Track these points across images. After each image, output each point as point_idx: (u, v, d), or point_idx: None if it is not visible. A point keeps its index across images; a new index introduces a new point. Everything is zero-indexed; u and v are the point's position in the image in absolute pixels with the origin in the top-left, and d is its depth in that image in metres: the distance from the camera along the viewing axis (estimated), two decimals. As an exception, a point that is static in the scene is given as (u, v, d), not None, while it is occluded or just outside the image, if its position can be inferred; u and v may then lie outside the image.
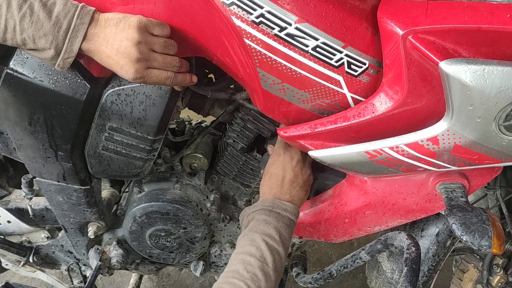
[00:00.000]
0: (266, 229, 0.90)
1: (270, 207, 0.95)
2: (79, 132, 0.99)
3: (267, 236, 0.89)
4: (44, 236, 1.33)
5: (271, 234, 0.90)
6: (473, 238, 0.84)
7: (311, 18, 0.77)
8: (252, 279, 0.82)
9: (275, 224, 0.92)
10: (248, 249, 0.87)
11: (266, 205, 0.96)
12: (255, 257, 0.85)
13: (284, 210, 0.96)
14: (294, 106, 0.88)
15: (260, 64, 0.82)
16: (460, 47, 0.71)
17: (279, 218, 0.94)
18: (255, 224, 0.92)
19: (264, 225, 0.91)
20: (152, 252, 1.30)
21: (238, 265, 0.84)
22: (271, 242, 0.88)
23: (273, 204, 0.96)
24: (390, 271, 1.23)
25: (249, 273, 0.82)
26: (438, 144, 0.77)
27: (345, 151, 0.88)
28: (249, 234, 0.90)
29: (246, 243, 0.88)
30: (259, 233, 0.89)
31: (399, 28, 0.72)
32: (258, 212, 0.95)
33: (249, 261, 0.85)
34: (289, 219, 0.95)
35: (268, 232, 0.90)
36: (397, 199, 0.99)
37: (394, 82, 0.78)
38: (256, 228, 0.91)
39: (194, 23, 0.82)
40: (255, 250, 0.86)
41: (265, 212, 0.94)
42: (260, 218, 0.93)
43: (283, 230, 0.92)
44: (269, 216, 0.93)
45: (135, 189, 1.23)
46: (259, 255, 0.86)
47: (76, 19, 0.77)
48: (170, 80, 0.83)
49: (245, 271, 0.83)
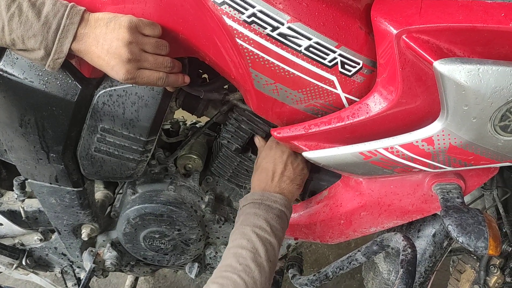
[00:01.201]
0: (256, 221, 0.90)
1: (259, 200, 0.95)
2: (71, 133, 0.98)
3: (257, 228, 0.88)
4: (37, 238, 1.32)
5: (262, 226, 0.89)
6: (469, 240, 0.83)
7: (304, 17, 0.76)
8: (245, 271, 0.81)
9: (265, 216, 0.91)
10: (239, 242, 0.86)
11: (255, 198, 0.96)
12: (247, 249, 0.85)
13: (273, 202, 0.95)
14: (287, 106, 0.87)
15: (253, 65, 0.81)
16: (454, 47, 0.70)
17: (268, 209, 0.93)
18: (245, 218, 0.92)
19: (254, 217, 0.91)
20: (146, 254, 1.29)
21: (231, 259, 0.84)
22: (262, 233, 0.88)
23: (262, 197, 0.95)
24: (387, 272, 1.22)
25: (241, 265, 0.82)
26: (433, 145, 0.76)
27: (340, 152, 0.87)
28: (239, 228, 0.90)
29: (237, 237, 0.88)
30: (250, 226, 0.89)
31: (393, 27, 0.71)
32: (248, 206, 0.94)
33: (241, 253, 0.84)
34: (279, 210, 0.94)
35: (258, 224, 0.89)
36: (392, 200, 0.99)
37: (388, 82, 0.77)
38: (247, 221, 0.90)
39: (185, 23, 0.81)
40: (246, 243, 0.86)
41: (254, 206, 0.94)
42: (250, 212, 0.93)
43: (273, 221, 0.91)
44: (259, 209, 0.92)
45: (129, 191, 1.21)
46: (251, 246, 0.85)
47: (66, 19, 0.76)
48: (162, 81, 0.82)
49: (237, 263, 0.82)
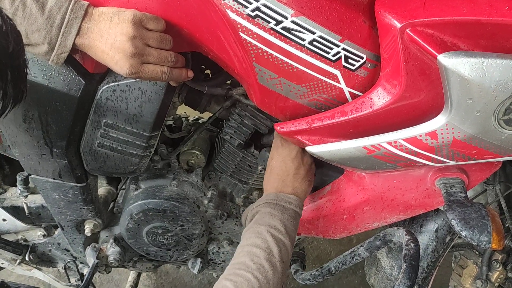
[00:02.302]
0: (271, 221, 0.90)
1: (275, 200, 0.95)
2: (74, 128, 0.98)
3: (272, 228, 0.89)
4: (40, 234, 1.32)
5: (277, 226, 0.89)
6: (473, 234, 0.83)
7: (308, 11, 0.76)
8: (259, 270, 0.82)
9: (280, 216, 0.91)
10: (254, 241, 0.87)
11: (270, 198, 0.96)
12: (261, 249, 0.85)
13: (288, 203, 0.95)
14: (291, 101, 0.87)
15: (256, 59, 0.81)
16: (458, 40, 0.70)
17: (283, 210, 0.93)
18: (260, 217, 0.92)
19: (269, 217, 0.91)
20: (149, 250, 1.29)
21: (245, 257, 0.84)
22: (276, 233, 0.88)
23: (277, 198, 0.96)
24: (389, 267, 1.22)
25: (255, 264, 0.82)
26: (436, 139, 0.76)
27: (343, 147, 0.87)
28: (254, 227, 0.90)
29: (252, 236, 0.88)
30: (265, 225, 0.89)
31: (396, 21, 0.71)
32: (263, 206, 0.95)
33: (255, 252, 0.84)
34: (293, 211, 0.95)
35: (273, 224, 0.90)
36: (395, 194, 0.99)
37: (392, 76, 0.77)
38: (261, 220, 0.91)
39: (189, 17, 0.81)
40: (261, 242, 0.86)
41: (269, 205, 0.94)
42: (265, 211, 0.93)
43: (288, 222, 0.91)
44: (274, 209, 0.93)
45: (132, 186, 1.22)
46: (265, 246, 0.86)
47: (70, 13, 0.76)
48: (166, 75, 0.82)
49: (251, 262, 0.83)
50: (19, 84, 0.57)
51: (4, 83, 0.54)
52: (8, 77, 0.54)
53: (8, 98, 0.55)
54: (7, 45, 0.55)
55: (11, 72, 0.55)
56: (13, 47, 0.56)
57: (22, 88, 0.59)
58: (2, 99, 0.54)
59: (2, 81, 0.53)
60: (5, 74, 0.54)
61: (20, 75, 0.58)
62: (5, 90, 0.54)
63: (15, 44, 0.56)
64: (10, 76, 0.55)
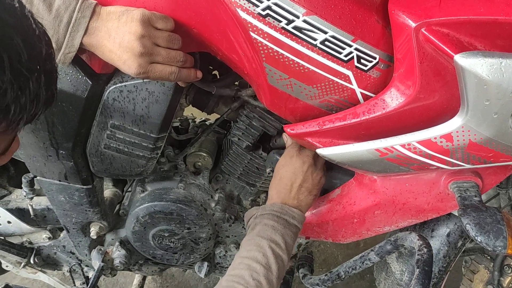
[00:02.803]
0: (273, 235, 0.91)
1: (279, 213, 0.95)
2: (81, 130, 0.97)
3: (273, 243, 0.89)
4: (46, 236, 1.31)
5: (278, 242, 0.90)
6: (488, 239, 0.81)
7: (320, 10, 0.74)
8: (256, 286, 0.83)
9: (282, 231, 0.92)
10: (255, 255, 0.87)
11: (275, 210, 0.96)
12: (261, 265, 0.86)
13: (292, 218, 0.95)
14: (301, 102, 0.85)
15: (267, 59, 0.79)
16: (475, 40, 0.68)
17: (286, 225, 0.94)
18: (263, 229, 0.92)
19: (271, 231, 0.91)
20: (155, 253, 1.27)
21: (244, 271, 0.85)
22: (277, 249, 0.89)
23: (282, 210, 0.96)
24: (399, 272, 1.20)
25: (254, 281, 0.83)
26: (452, 141, 0.74)
27: (355, 149, 0.85)
28: (255, 239, 0.90)
29: (253, 248, 0.89)
30: (266, 239, 0.90)
31: (411, 20, 0.69)
32: (267, 217, 0.94)
33: (255, 268, 0.85)
34: (295, 227, 0.95)
35: (275, 239, 0.90)
36: (407, 198, 0.97)
37: (406, 77, 0.75)
38: (264, 233, 0.91)
39: (198, 16, 0.80)
40: (261, 257, 0.87)
41: (273, 218, 0.94)
42: (268, 223, 0.93)
43: (288, 238, 0.92)
44: (277, 223, 0.93)
45: (138, 189, 1.20)
46: (265, 262, 0.86)
47: (77, 12, 0.75)
48: (174, 75, 0.81)
49: (250, 278, 0.83)
50: (51, 88, 0.58)
51: (39, 86, 0.54)
52: (42, 81, 0.55)
53: (42, 101, 0.56)
54: (41, 49, 0.55)
55: (44, 75, 0.55)
56: (46, 51, 0.56)
57: (54, 91, 0.59)
58: (36, 103, 0.55)
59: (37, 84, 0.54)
60: (39, 77, 0.54)
61: (52, 79, 0.58)
62: (38, 94, 0.54)
63: (47, 47, 0.57)
64: (44, 80, 0.55)
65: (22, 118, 0.53)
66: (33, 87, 0.53)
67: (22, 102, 0.52)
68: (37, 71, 0.54)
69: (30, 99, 0.53)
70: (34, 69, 0.53)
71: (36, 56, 0.54)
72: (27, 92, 0.52)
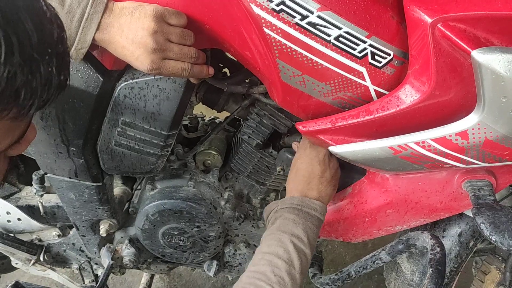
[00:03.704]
0: (295, 229, 0.88)
1: (299, 206, 0.93)
2: (92, 127, 0.97)
3: (295, 238, 0.87)
4: (55, 234, 1.31)
5: (299, 236, 0.87)
6: (503, 238, 0.79)
7: (334, 6, 0.74)
8: (279, 283, 0.80)
9: (303, 225, 0.89)
10: (276, 250, 0.85)
11: (295, 203, 0.93)
12: (283, 260, 0.83)
13: (313, 210, 0.93)
14: (314, 99, 0.84)
15: (280, 55, 0.78)
16: (492, 36, 0.67)
17: (307, 218, 0.91)
18: (283, 223, 0.89)
19: (292, 225, 0.89)
20: (164, 251, 1.27)
21: (265, 267, 0.82)
22: (299, 244, 0.86)
23: (302, 203, 0.93)
24: (410, 272, 1.19)
25: (276, 277, 0.81)
26: (467, 139, 0.73)
27: (368, 147, 0.84)
28: (276, 234, 0.88)
29: (274, 243, 0.86)
30: (288, 234, 0.87)
31: (427, 16, 0.68)
32: (287, 210, 0.92)
33: (277, 263, 0.83)
34: (317, 219, 0.93)
35: (297, 233, 0.88)
36: (420, 197, 0.96)
37: (421, 74, 0.74)
38: (284, 227, 0.88)
39: (211, 12, 0.79)
40: (283, 252, 0.84)
41: (294, 211, 0.91)
42: (288, 217, 0.90)
43: (310, 232, 0.90)
44: (298, 216, 0.90)
45: (148, 186, 1.20)
46: (287, 257, 0.84)
47: (90, 8, 0.74)
48: (187, 72, 0.80)
49: (272, 274, 0.81)
50: (63, 72, 0.55)
51: (50, 70, 0.52)
52: (54, 63, 0.52)
53: (54, 86, 0.54)
54: (52, 31, 0.53)
55: (56, 58, 0.53)
56: (58, 33, 0.54)
57: (66, 76, 0.57)
58: (48, 88, 0.52)
59: (49, 67, 0.52)
60: (51, 60, 0.52)
61: (65, 62, 0.56)
62: (50, 78, 0.52)
63: (59, 30, 0.54)
64: (56, 63, 0.53)
65: (33, 103, 0.51)
66: (44, 71, 0.51)
67: (33, 87, 0.50)
68: (48, 54, 0.52)
69: (41, 84, 0.51)
70: (45, 52, 0.51)
71: (47, 39, 0.52)
72: (38, 76, 0.50)
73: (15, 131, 0.55)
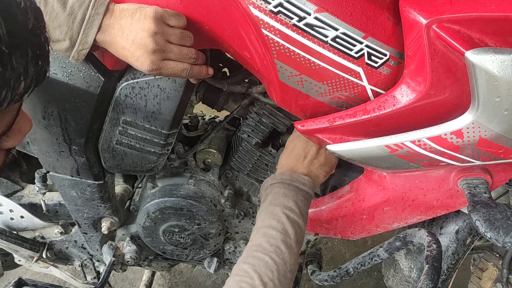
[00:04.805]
0: (286, 202, 0.90)
1: (289, 180, 0.94)
2: (93, 126, 0.98)
3: (287, 209, 0.88)
4: (58, 231, 1.33)
5: (291, 207, 0.89)
6: (498, 235, 0.81)
7: (331, 7, 0.75)
8: (275, 252, 0.82)
9: (294, 198, 0.91)
10: (270, 223, 0.87)
11: (284, 178, 0.95)
12: (277, 230, 0.85)
13: (302, 184, 0.94)
14: (312, 99, 0.86)
15: (278, 56, 0.80)
16: (486, 37, 0.68)
17: (297, 191, 0.93)
18: (274, 197, 0.91)
19: (283, 198, 0.91)
20: (165, 248, 1.29)
21: (261, 239, 0.84)
22: (291, 214, 0.88)
23: (292, 178, 0.95)
24: (408, 269, 1.20)
25: (272, 246, 0.82)
26: (462, 138, 0.75)
27: (365, 145, 0.85)
28: (269, 208, 0.90)
29: (267, 217, 0.88)
30: (279, 206, 0.89)
31: (422, 17, 0.70)
32: (277, 185, 0.94)
33: (271, 234, 0.84)
34: (306, 193, 0.94)
35: (288, 205, 0.89)
36: (417, 195, 0.97)
37: (416, 74, 0.75)
38: (276, 201, 0.90)
39: (210, 14, 0.81)
40: (276, 223, 0.86)
41: (283, 186, 0.93)
42: (279, 192, 0.92)
43: (301, 204, 0.91)
44: (288, 190, 0.92)
45: (149, 185, 1.21)
46: (281, 228, 0.86)
47: (91, 9, 0.76)
48: (186, 72, 0.82)
49: (268, 244, 0.83)
50: (41, 63, 0.55)
51: (25, 62, 0.51)
52: (28, 55, 0.52)
53: (30, 77, 0.53)
54: (26, 22, 0.52)
55: (32, 49, 0.52)
56: (33, 24, 0.53)
57: (44, 67, 0.56)
58: (24, 78, 0.52)
59: (22, 59, 0.51)
60: (25, 52, 0.51)
61: (42, 53, 0.55)
62: (26, 68, 0.52)
63: (35, 21, 0.53)
64: (31, 54, 0.52)
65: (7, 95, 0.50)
66: (17, 63, 0.50)
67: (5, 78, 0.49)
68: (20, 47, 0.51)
69: (14, 75, 0.50)
70: (17, 44, 0.50)
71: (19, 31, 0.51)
72: (9, 67, 0.49)
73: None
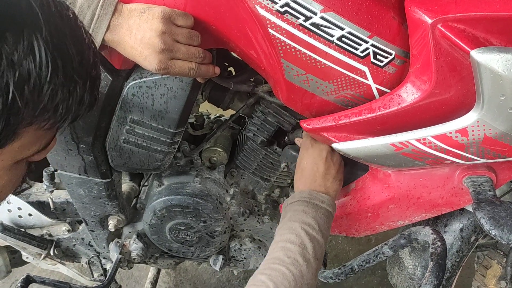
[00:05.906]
0: (305, 218, 0.90)
1: (308, 198, 0.95)
2: (101, 124, 0.99)
3: (306, 225, 0.89)
4: (65, 229, 1.34)
5: (310, 223, 0.89)
6: (502, 232, 0.81)
7: (337, 7, 0.76)
8: (293, 264, 0.82)
9: (313, 214, 0.91)
10: (288, 237, 0.87)
11: (303, 196, 0.95)
12: (295, 244, 0.85)
13: (321, 202, 0.95)
14: (317, 97, 0.87)
15: (284, 55, 0.80)
16: (491, 36, 0.69)
17: (317, 208, 0.93)
18: (293, 214, 0.92)
19: (302, 214, 0.91)
20: (171, 246, 1.30)
21: (278, 252, 0.85)
22: (310, 230, 0.88)
23: (311, 196, 0.95)
24: (412, 266, 1.21)
25: (290, 259, 0.83)
26: (467, 136, 0.75)
27: (370, 144, 0.86)
28: (287, 223, 0.90)
29: (286, 232, 0.88)
30: (298, 222, 0.89)
31: (427, 16, 0.70)
32: (296, 203, 0.94)
33: (289, 247, 0.85)
34: (326, 211, 0.94)
35: (307, 221, 0.90)
36: (421, 193, 0.98)
37: (422, 73, 0.76)
38: (295, 217, 0.91)
39: (217, 13, 0.81)
40: (294, 238, 0.86)
41: (303, 203, 0.94)
42: (298, 209, 0.93)
43: (321, 221, 0.91)
44: (307, 207, 0.93)
45: (155, 183, 1.22)
46: (299, 242, 0.86)
47: (100, 9, 0.77)
48: (194, 71, 0.82)
49: (285, 256, 0.83)
50: (94, 92, 0.63)
51: (84, 91, 0.59)
52: (87, 86, 0.59)
53: (85, 104, 0.61)
54: (89, 57, 0.60)
55: (90, 81, 0.60)
56: (93, 59, 0.61)
57: (96, 96, 0.64)
58: (81, 106, 0.59)
59: (83, 89, 0.58)
60: (86, 83, 0.59)
61: (96, 85, 0.63)
62: (83, 97, 0.59)
63: (94, 56, 0.61)
64: (89, 85, 0.60)
65: (67, 118, 0.58)
66: (80, 91, 0.58)
67: (69, 104, 0.57)
68: (84, 77, 0.58)
69: (76, 102, 0.58)
70: (83, 75, 0.58)
71: (85, 63, 0.59)
72: (75, 95, 0.57)
73: (43, 140, 0.61)
